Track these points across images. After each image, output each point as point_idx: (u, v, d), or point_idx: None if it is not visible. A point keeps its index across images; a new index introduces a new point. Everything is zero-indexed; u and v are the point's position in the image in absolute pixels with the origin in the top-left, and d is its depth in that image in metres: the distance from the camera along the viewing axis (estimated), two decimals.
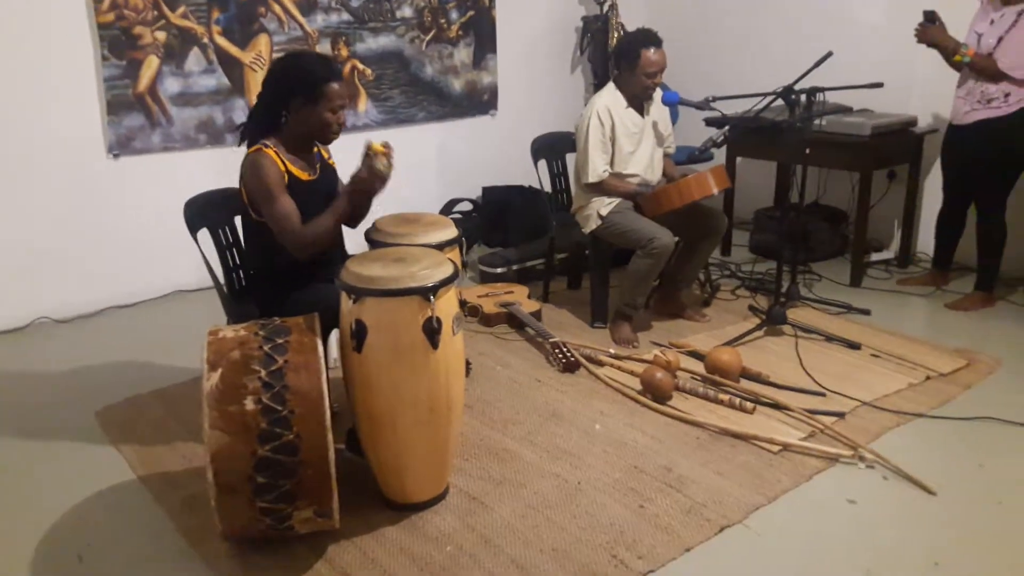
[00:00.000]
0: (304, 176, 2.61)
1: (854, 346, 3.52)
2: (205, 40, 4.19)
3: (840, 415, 2.95)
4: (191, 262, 3.06)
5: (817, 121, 3.75)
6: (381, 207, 2.86)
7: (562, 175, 4.18)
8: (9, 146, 3.74)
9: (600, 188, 3.57)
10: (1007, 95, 3.64)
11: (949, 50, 3.75)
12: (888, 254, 4.72)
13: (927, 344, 3.55)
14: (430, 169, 5.15)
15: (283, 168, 2.53)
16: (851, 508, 2.47)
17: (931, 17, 3.79)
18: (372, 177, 2.51)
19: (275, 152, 2.53)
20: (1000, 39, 3.60)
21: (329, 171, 2.77)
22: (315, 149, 2.72)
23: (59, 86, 3.83)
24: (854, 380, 3.22)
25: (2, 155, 3.73)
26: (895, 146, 4.35)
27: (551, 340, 3.49)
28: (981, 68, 3.67)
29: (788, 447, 2.75)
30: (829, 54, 3.36)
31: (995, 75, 3.63)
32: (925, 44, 3.84)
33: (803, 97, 3.50)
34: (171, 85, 4.13)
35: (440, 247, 2.73)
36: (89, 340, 3.78)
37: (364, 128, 4.79)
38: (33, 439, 2.91)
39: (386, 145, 2.57)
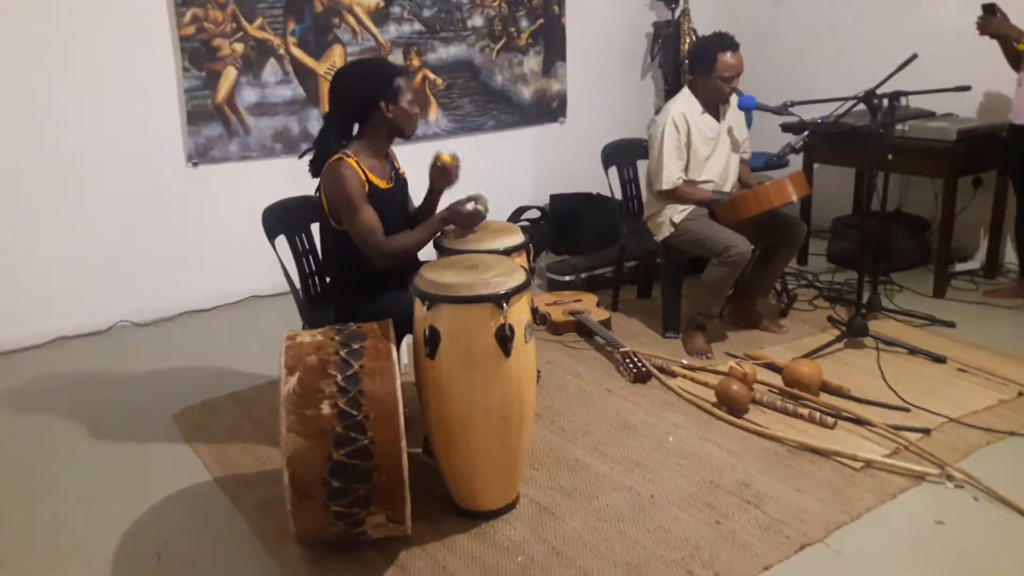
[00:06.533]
0: (383, 184, 2.64)
1: (939, 360, 3.38)
2: (281, 51, 4.28)
3: (926, 431, 2.84)
4: (266, 268, 3.12)
5: (899, 126, 3.62)
6: None
7: (633, 182, 4.13)
8: (94, 154, 3.87)
9: (674, 195, 3.51)
10: None
11: (1012, 38, 3.69)
12: (973, 264, 4.53)
13: (1018, 359, 3.38)
14: (499, 177, 5.12)
15: (363, 177, 2.55)
16: (939, 529, 2.36)
17: (991, 9, 3.78)
18: (472, 218, 2.61)
19: (355, 161, 2.55)
20: None
21: (401, 181, 2.80)
22: (388, 157, 2.74)
23: (142, 97, 3.96)
24: (940, 395, 3.09)
25: (88, 163, 3.86)
26: (981, 152, 4.17)
27: (621, 349, 3.44)
28: None
29: (871, 464, 2.65)
30: (914, 56, 3.24)
31: None
32: (988, 35, 3.81)
33: (885, 101, 3.39)
34: (248, 95, 4.22)
35: (507, 252, 2.72)
36: (168, 343, 3.89)
37: (434, 137, 4.83)
38: (114, 439, 3.00)
39: (454, 156, 2.65)
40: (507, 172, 5.18)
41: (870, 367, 3.31)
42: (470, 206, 2.60)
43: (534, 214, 5.22)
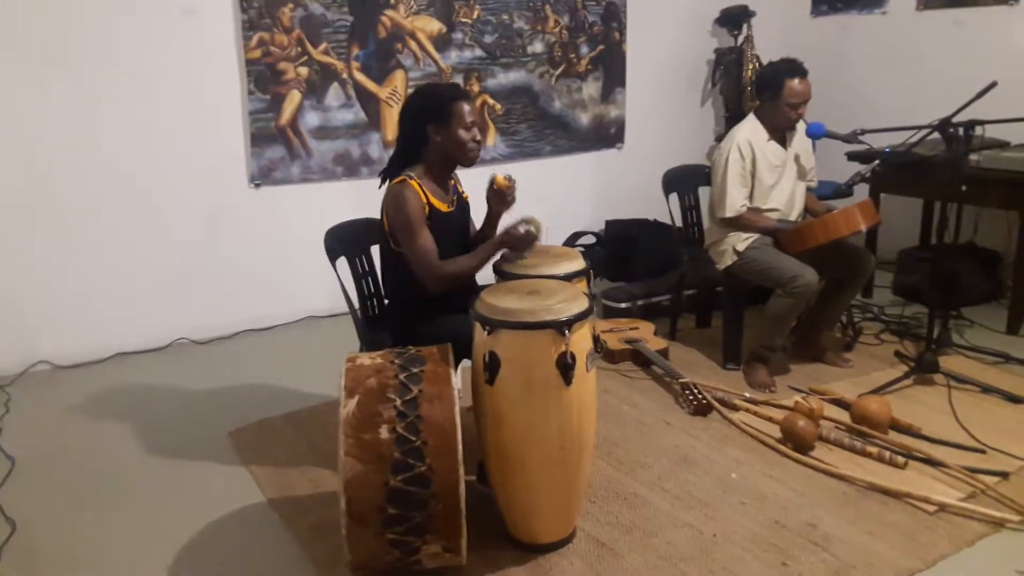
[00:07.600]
0: (443, 208, 2.63)
1: (1016, 399, 3.23)
2: (344, 76, 4.32)
3: (1004, 475, 2.70)
4: (324, 289, 3.12)
5: (972, 156, 3.49)
6: None
7: (694, 209, 4.06)
8: (158, 173, 3.94)
9: (737, 223, 3.44)
10: None
11: None
12: None
13: None
14: (555, 202, 5.10)
15: (425, 200, 2.56)
16: None
17: None
18: (525, 240, 2.58)
19: (418, 184, 2.56)
20: None
21: (464, 204, 2.78)
22: (451, 182, 2.73)
23: (209, 118, 4.03)
24: (1017, 437, 2.94)
25: (151, 182, 3.93)
26: None
27: (680, 380, 3.36)
28: None
29: (945, 508, 2.53)
30: (994, 84, 3.13)
31: None
32: None
33: (960, 131, 3.27)
34: (311, 118, 4.27)
35: (568, 278, 2.68)
36: (225, 362, 3.91)
37: (491, 162, 4.82)
38: (169, 457, 3.01)
39: (509, 178, 2.65)
40: (564, 197, 5.15)
41: (941, 405, 3.18)
42: (522, 228, 2.59)
43: (589, 239, 5.17)
